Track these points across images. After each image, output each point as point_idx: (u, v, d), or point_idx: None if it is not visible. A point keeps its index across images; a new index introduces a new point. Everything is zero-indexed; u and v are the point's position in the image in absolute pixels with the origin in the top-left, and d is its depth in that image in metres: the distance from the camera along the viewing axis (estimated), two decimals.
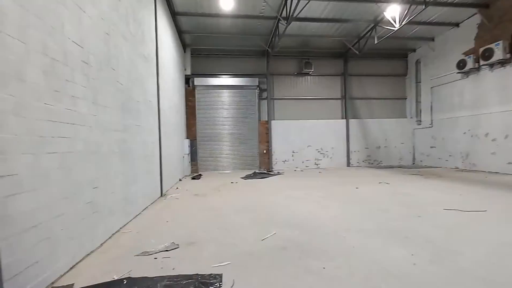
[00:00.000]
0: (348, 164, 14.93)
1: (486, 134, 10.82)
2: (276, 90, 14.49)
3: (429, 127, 13.96)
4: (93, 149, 3.61)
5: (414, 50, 14.83)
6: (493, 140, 10.54)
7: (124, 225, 4.60)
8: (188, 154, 12.57)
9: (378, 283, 2.57)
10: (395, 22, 10.20)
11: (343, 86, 14.96)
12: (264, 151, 14.17)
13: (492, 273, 2.70)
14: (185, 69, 12.94)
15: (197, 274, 2.78)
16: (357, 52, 13.21)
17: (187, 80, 13.30)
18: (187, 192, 7.88)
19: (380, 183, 8.75)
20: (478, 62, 10.72)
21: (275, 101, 14.48)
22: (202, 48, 13.43)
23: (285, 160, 14.44)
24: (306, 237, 3.87)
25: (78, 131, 3.24)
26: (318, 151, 14.75)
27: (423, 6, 8.88)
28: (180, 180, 10.46)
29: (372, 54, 14.72)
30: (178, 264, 3.06)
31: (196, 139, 13.53)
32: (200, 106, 13.63)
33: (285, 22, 9.47)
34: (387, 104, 15.44)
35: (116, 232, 4.24)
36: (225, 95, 13.88)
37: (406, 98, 15.55)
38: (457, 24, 11.89)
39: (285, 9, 9.46)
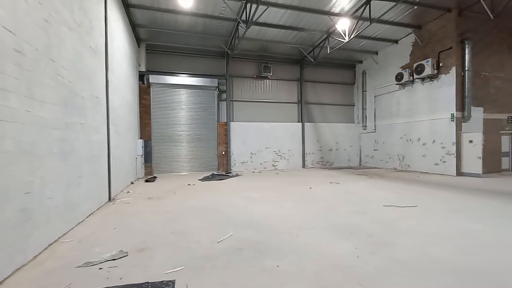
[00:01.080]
0: (304, 166, 15.69)
1: (418, 139, 12.42)
2: (235, 92, 14.56)
3: (373, 132, 15.47)
4: (27, 149, 3.19)
5: (361, 62, 16.32)
6: (424, 144, 12.14)
7: (65, 234, 4.15)
8: (142, 155, 11.85)
9: (325, 276, 2.77)
10: (345, 35, 11.11)
11: (299, 91, 15.71)
12: (223, 153, 14.09)
13: (418, 261, 3.12)
14: (139, 65, 12.21)
15: (147, 282, 2.66)
16: (312, 60, 14.05)
17: (141, 77, 12.55)
18: (140, 196, 7.42)
19: (331, 183, 9.39)
20: (412, 75, 12.27)
21: (234, 103, 14.53)
22: (159, 44, 12.84)
23: (244, 162, 14.56)
24: (262, 237, 3.97)
25: (6, 129, 2.84)
26: (276, 153, 15.21)
27: (368, 23, 9.85)
28: (132, 183, 9.80)
29: (325, 63, 15.87)
30: (126, 273, 2.87)
31: (151, 140, 12.83)
32: (156, 105, 12.97)
33: (245, 25, 9.60)
34: (338, 110, 16.68)
35: (54, 242, 3.80)
36: (183, 95, 13.45)
37: (354, 105, 17.00)
38: (396, 41, 13.46)
39: (245, 12, 9.60)
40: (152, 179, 10.79)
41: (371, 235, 3.97)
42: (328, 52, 12.74)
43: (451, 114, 10.79)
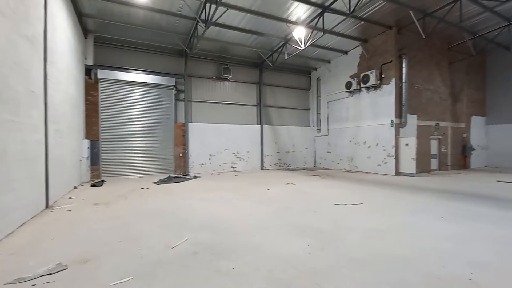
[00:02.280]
0: (262, 167, 16.00)
1: (364, 142, 13.64)
2: (194, 92, 14.21)
3: (326, 135, 16.52)
4: None
5: (316, 69, 17.34)
6: (369, 147, 13.37)
7: None
8: (87, 157, 10.79)
9: (279, 274, 2.89)
10: (301, 42, 11.70)
11: (258, 94, 16.00)
12: (180, 154, 13.61)
13: (362, 253, 3.44)
14: (85, 58, 11.14)
15: None
16: (270, 64, 14.47)
17: (89, 71, 11.47)
18: (84, 202, 6.76)
19: (287, 184, 9.75)
20: (360, 84, 13.45)
21: (193, 103, 14.17)
22: (110, 37, 11.88)
23: (202, 164, 14.27)
24: (218, 239, 3.95)
25: None
26: (235, 155, 15.23)
27: (322, 33, 10.54)
28: (75, 188, 8.86)
29: (283, 68, 16.48)
30: None
31: (98, 140, 11.77)
32: (105, 102, 11.96)
33: (204, 25, 9.47)
34: (294, 113, 17.42)
35: None
36: (137, 93, 12.66)
37: (309, 109, 17.94)
38: (346, 52, 14.62)
39: (204, 12, 9.47)
40: (100, 184, 9.91)
41: (322, 232, 4.24)
42: (286, 58, 13.26)
43: (391, 120, 12.11)
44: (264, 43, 13.30)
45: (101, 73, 11.66)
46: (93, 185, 9.55)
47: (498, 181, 9.82)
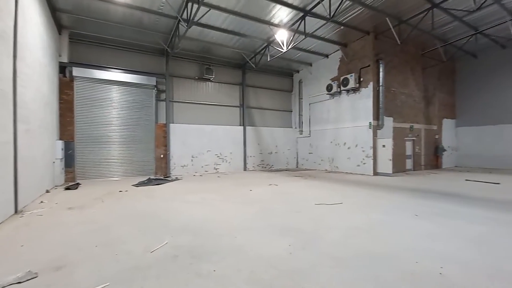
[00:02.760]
0: (245, 168, 15.99)
1: (344, 143, 14.04)
2: (175, 93, 13.95)
3: (308, 136, 16.82)
4: None
5: (298, 72, 17.63)
6: (348, 148, 13.78)
7: None
8: (62, 159, 10.26)
9: (261, 275, 2.90)
10: (283, 45, 11.86)
11: (241, 95, 16.00)
12: (161, 156, 13.30)
13: (342, 251, 3.54)
14: (59, 55, 10.61)
15: None
16: (253, 66, 14.54)
17: (63, 69, 10.93)
18: (57, 206, 6.42)
19: (270, 184, 9.82)
20: (340, 87, 13.84)
21: (174, 103, 13.90)
22: (86, 34, 11.39)
23: (184, 165, 14.03)
24: (199, 242, 3.90)
25: None
26: (218, 156, 15.12)
27: (304, 36, 10.75)
28: (47, 191, 8.39)
29: (266, 70, 16.61)
30: None
31: (73, 141, 11.23)
32: (81, 102, 11.44)
33: (186, 24, 9.34)
34: (277, 115, 17.59)
35: None
36: (115, 92, 12.23)
37: (291, 111, 18.19)
38: (327, 56, 15.00)
39: (186, 11, 9.34)
40: (74, 187, 9.46)
41: (303, 232, 4.32)
42: (269, 59, 13.38)
43: (369, 122, 12.55)
44: (247, 45, 13.33)
45: (77, 71, 11.15)
46: (67, 188, 9.10)
47: (466, 180, 10.46)
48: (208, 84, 14.97)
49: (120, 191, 8.63)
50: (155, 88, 13.08)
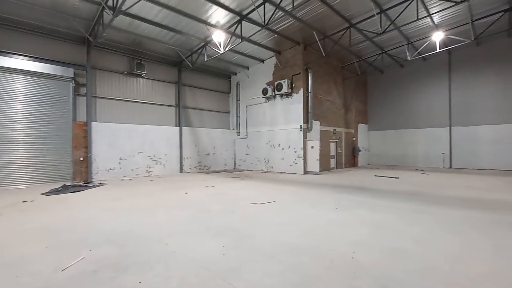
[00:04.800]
0: (181, 171, 15.36)
1: (279, 145, 14.91)
2: (99, 87, 12.41)
3: (245, 138, 17.24)
4: None
5: (236, 74, 17.92)
6: (282, 149, 14.69)
7: None
8: None
9: (191, 279, 2.86)
10: (221, 46, 11.88)
11: (177, 94, 15.32)
12: (81, 159, 11.64)
13: (271, 247, 3.77)
14: None
15: None
16: (190, 65, 14.14)
17: None
18: None
19: (207, 186, 9.69)
20: (274, 91, 14.65)
21: (98, 99, 12.35)
22: None
23: (110, 169, 12.61)
24: (124, 252, 3.59)
25: None
26: (151, 158, 14.11)
27: (240, 40, 11.00)
28: None
29: (204, 70, 16.36)
30: None
31: None
32: None
33: (112, 12, 8.46)
34: (215, 116, 17.49)
35: None
36: (20, 83, 10.18)
37: (229, 112, 18.35)
38: (263, 61, 15.68)
39: None
40: None
41: (237, 231, 4.43)
42: (206, 59, 13.20)
43: (300, 125, 13.66)
44: (183, 42, 12.86)
45: None
46: None
47: (375, 176, 12.40)
48: (139, 81, 13.83)
49: (24, 201, 7.21)
50: (73, 81, 11.37)
